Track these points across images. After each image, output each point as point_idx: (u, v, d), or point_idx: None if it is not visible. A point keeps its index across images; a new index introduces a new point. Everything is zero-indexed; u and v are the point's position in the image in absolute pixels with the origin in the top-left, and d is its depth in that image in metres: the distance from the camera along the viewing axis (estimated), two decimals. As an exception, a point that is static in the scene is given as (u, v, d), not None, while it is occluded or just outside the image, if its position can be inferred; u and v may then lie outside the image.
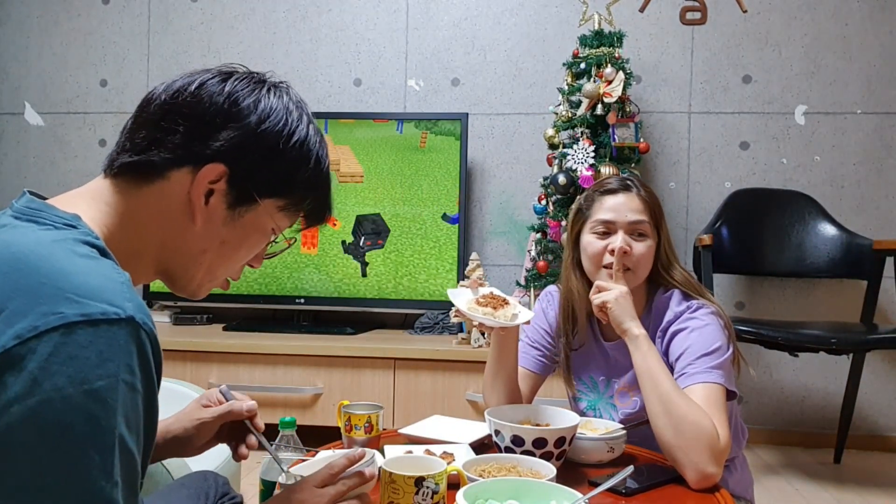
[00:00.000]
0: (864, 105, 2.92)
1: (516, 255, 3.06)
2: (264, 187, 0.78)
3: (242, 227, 0.79)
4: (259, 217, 0.79)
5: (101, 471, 0.57)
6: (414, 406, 2.55)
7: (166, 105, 0.76)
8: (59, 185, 3.27)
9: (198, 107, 0.75)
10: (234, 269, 0.84)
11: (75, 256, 0.64)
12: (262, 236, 0.82)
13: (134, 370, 0.60)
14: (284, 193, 0.80)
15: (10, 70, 3.32)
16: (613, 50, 2.66)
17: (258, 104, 0.77)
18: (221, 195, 0.76)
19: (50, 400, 0.55)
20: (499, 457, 1.12)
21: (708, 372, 1.24)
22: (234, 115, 0.75)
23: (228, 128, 0.75)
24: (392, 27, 3.13)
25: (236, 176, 0.76)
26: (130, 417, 0.60)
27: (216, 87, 0.76)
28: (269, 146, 0.77)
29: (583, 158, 2.58)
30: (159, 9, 3.24)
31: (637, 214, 1.36)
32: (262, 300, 2.95)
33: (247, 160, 0.76)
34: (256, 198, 0.77)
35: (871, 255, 2.63)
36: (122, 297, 0.61)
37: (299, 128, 0.79)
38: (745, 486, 1.44)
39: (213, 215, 0.77)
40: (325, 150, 0.82)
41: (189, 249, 0.78)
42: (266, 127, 0.76)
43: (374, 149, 2.92)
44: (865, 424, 2.88)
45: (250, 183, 0.77)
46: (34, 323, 0.57)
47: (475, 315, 1.28)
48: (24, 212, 0.69)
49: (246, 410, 0.98)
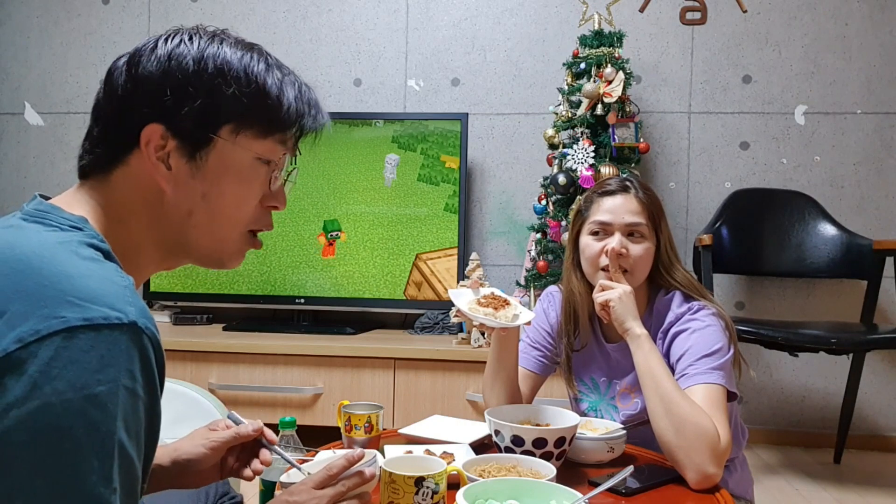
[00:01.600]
0: (864, 105, 2.92)
1: (516, 255, 3.06)
2: (203, 120, 0.74)
3: (212, 170, 0.76)
4: (224, 153, 0.76)
5: (99, 476, 0.57)
6: (414, 406, 2.55)
7: (96, 104, 0.77)
8: (59, 185, 3.27)
9: (113, 90, 0.75)
10: (241, 218, 0.79)
11: (78, 259, 0.63)
12: (243, 171, 0.77)
13: (135, 375, 0.60)
14: (227, 117, 0.75)
15: (10, 70, 3.32)
16: (613, 50, 2.66)
17: (154, 52, 0.74)
18: (176, 152, 0.74)
19: (49, 404, 0.55)
20: (499, 457, 1.12)
21: (709, 373, 1.24)
22: (141, 77, 0.74)
23: (140, 91, 0.73)
24: (392, 27, 3.13)
25: (174, 127, 0.73)
26: (130, 423, 0.59)
27: (120, 63, 0.76)
28: (180, 80, 0.73)
29: (583, 158, 2.58)
30: (159, 9, 3.24)
31: (634, 216, 1.36)
32: (262, 300, 2.95)
33: (170, 106, 0.73)
34: (207, 135, 0.74)
35: (871, 255, 2.63)
36: (124, 302, 0.61)
37: (208, 48, 0.75)
38: (745, 486, 1.44)
39: (179, 175, 0.74)
40: (252, 57, 0.77)
41: (176, 219, 0.76)
42: (168, 67, 0.74)
43: (375, 149, 2.92)
44: (865, 424, 2.88)
45: (189, 124, 0.73)
46: (36, 326, 0.57)
47: (477, 316, 1.28)
48: (31, 214, 0.69)
49: (253, 431, 0.99)
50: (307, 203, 2.92)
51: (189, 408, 1.91)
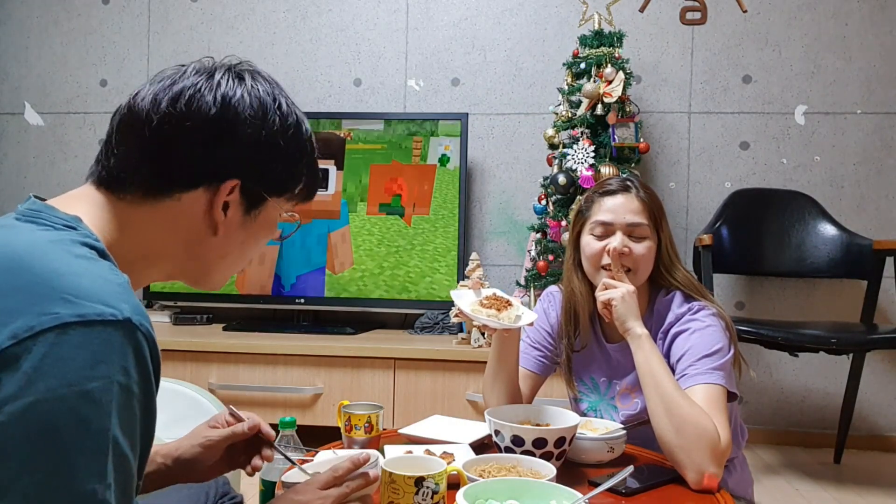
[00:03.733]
0: (864, 105, 2.92)
1: (516, 255, 3.06)
2: (274, 186, 0.81)
3: (258, 225, 0.82)
4: (269, 212, 0.83)
5: (93, 473, 0.57)
6: (414, 406, 2.55)
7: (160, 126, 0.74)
8: (59, 185, 3.27)
9: (194, 126, 0.74)
10: (248, 260, 0.87)
11: (72, 257, 0.63)
12: (274, 226, 0.86)
13: (129, 372, 0.60)
14: (291, 186, 0.83)
15: (10, 70, 3.32)
16: (613, 50, 2.66)
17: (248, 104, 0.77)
18: (237, 205, 0.79)
19: (43, 400, 0.55)
20: (499, 457, 1.12)
21: (709, 373, 1.24)
22: (231, 126, 0.75)
23: (229, 142, 0.75)
24: (392, 27, 3.13)
25: (247, 184, 0.78)
26: (125, 420, 0.59)
27: (208, 98, 0.75)
28: (270, 148, 0.78)
29: (583, 158, 2.58)
30: (159, 9, 3.24)
31: (635, 216, 1.36)
32: (262, 300, 2.95)
33: (254, 167, 0.78)
34: (267, 197, 0.81)
35: (871, 255, 2.63)
36: (118, 299, 0.61)
37: (291, 126, 0.80)
38: (745, 486, 1.44)
39: (231, 224, 0.79)
40: (313, 140, 0.85)
41: (210, 256, 0.81)
42: (264, 134, 0.77)
43: (375, 148, 2.92)
44: (865, 424, 2.88)
45: (261, 186, 0.80)
46: (30, 323, 0.57)
47: (479, 317, 1.28)
48: (25, 213, 0.69)
49: (248, 429, 1.00)
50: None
51: (189, 408, 1.91)
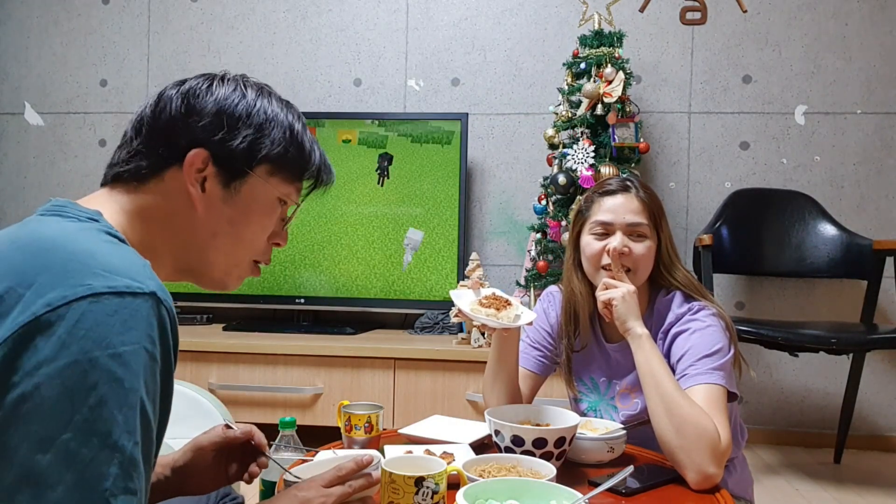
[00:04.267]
0: (864, 105, 2.92)
1: (516, 255, 3.06)
2: (246, 156, 0.83)
3: (243, 200, 0.84)
4: (255, 187, 0.84)
5: (123, 429, 0.60)
6: (414, 406, 2.55)
7: (138, 121, 0.83)
8: (59, 185, 3.27)
9: (164, 112, 0.82)
10: (254, 248, 0.88)
11: (100, 241, 0.69)
12: (267, 207, 0.86)
13: (154, 341, 0.64)
14: (267, 157, 0.84)
15: (10, 70, 3.32)
16: (613, 50, 2.66)
17: (210, 90, 0.83)
18: (214, 178, 0.81)
19: (77, 361, 0.59)
20: (499, 457, 1.12)
21: (709, 373, 1.24)
22: (196, 108, 0.82)
23: (194, 119, 0.81)
24: (392, 27, 3.13)
25: (219, 155, 0.81)
26: (150, 385, 0.63)
27: (172, 92, 0.83)
28: (236, 118, 0.82)
29: (583, 158, 2.58)
30: (159, 9, 3.24)
31: (635, 216, 1.36)
32: (262, 300, 2.95)
33: (221, 136, 0.81)
34: (245, 169, 0.83)
35: (871, 255, 2.63)
36: (144, 276, 0.65)
37: (259, 98, 0.85)
38: (745, 486, 1.44)
39: (212, 198, 0.82)
40: (294, 116, 0.88)
41: (200, 237, 0.83)
42: (224, 105, 0.82)
43: (375, 148, 2.92)
44: (865, 424, 2.88)
45: (233, 156, 0.82)
46: (64, 293, 0.61)
47: (478, 316, 1.28)
48: (48, 209, 0.74)
49: (241, 433, 1.01)
50: (308, 203, 2.91)
51: (189, 408, 1.91)
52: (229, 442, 1.01)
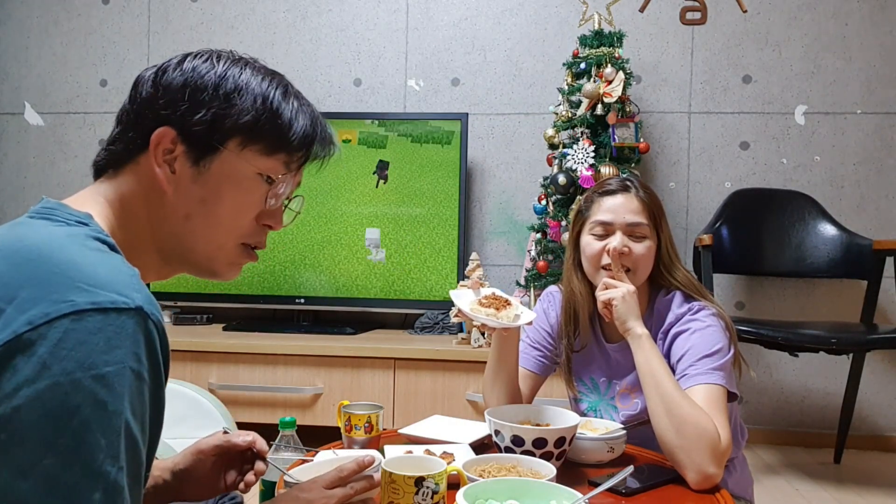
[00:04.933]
0: (864, 105, 2.92)
1: (516, 255, 3.06)
2: (212, 130, 0.77)
3: (213, 177, 0.78)
4: (227, 162, 0.78)
5: (106, 454, 0.58)
6: (414, 406, 2.55)
7: (122, 109, 0.82)
8: (59, 185, 3.27)
9: (136, 95, 0.80)
10: (236, 229, 0.81)
11: (87, 250, 0.66)
12: (244, 182, 0.80)
13: (141, 359, 0.61)
14: (235, 128, 0.78)
15: (10, 70, 3.32)
16: (613, 50, 2.66)
17: (181, 65, 0.79)
18: (183, 156, 0.77)
19: (58, 384, 0.56)
20: (499, 457, 1.12)
21: (709, 373, 1.24)
22: (163, 84, 0.78)
23: (160, 96, 0.78)
24: (392, 27, 3.13)
25: (185, 132, 0.77)
26: (136, 406, 0.60)
27: (148, 73, 0.81)
28: (200, 90, 0.78)
29: (583, 158, 2.58)
30: (159, 9, 3.24)
31: (635, 216, 1.36)
32: (262, 300, 2.95)
33: (184, 112, 0.77)
34: (213, 144, 0.77)
35: (871, 255, 2.63)
36: (130, 288, 0.62)
37: (231, 68, 0.80)
38: (745, 486, 1.44)
39: (181, 178, 0.78)
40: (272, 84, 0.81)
41: (174, 221, 0.79)
42: (190, 77, 0.78)
43: (375, 148, 2.92)
44: (865, 424, 2.88)
45: (199, 132, 0.77)
46: (45, 310, 0.58)
47: (478, 316, 1.28)
48: (38, 211, 0.72)
49: (242, 442, 1.00)
50: (308, 203, 2.91)
51: (189, 408, 1.91)
52: (230, 448, 1.00)
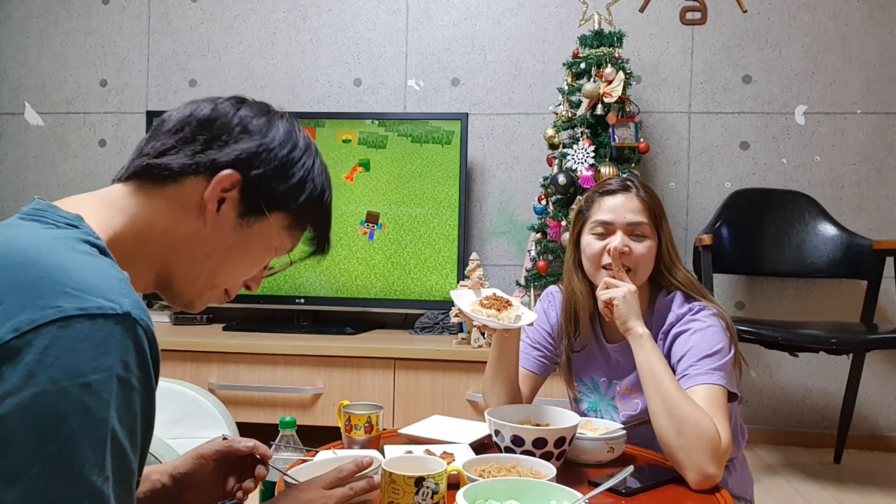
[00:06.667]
0: (864, 105, 2.92)
1: (516, 255, 3.06)
2: (273, 201, 0.81)
3: (249, 236, 0.82)
4: (265, 231, 0.82)
5: (93, 464, 0.57)
6: (414, 406, 2.55)
7: (184, 119, 0.80)
8: (59, 185, 3.27)
9: (214, 121, 0.80)
10: (233, 279, 0.85)
11: (75, 253, 0.64)
12: (265, 251, 0.85)
13: (129, 366, 0.60)
14: (291, 211, 0.83)
15: (10, 70, 3.32)
16: (613, 50, 2.66)
17: (270, 124, 0.82)
18: (232, 203, 0.79)
19: (45, 392, 0.56)
20: (499, 457, 1.12)
21: (710, 373, 1.24)
22: (249, 130, 0.80)
23: (244, 140, 0.80)
24: (392, 27, 3.13)
25: (248, 186, 0.79)
26: (123, 413, 0.60)
27: (230, 108, 0.82)
28: (280, 162, 0.81)
29: (583, 158, 2.58)
30: (159, 9, 3.24)
31: (635, 215, 1.36)
32: (262, 300, 2.95)
33: (259, 172, 0.79)
34: (265, 210, 0.81)
35: (871, 255, 2.63)
36: (119, 294, 0.62)
37: (307, 154, 0.84)
38: (745, 486, 1.44)
39: (222, 221, 0.80)
40: (329, 183, 0.87)
41: (195, 252, 0.80)
42: (278, 144, 0.81)
43: (375, 148, 2.92)
44: (865, 424, 2.88)
45: (261, 194, 0.80)
46: (32, 316, 0.57)
47: (479, 317, 1.28)
48: (28, 213, 0.70)
49: (244, 447, 0.99)
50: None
51: (189, 408, 1.91)
52: (232, 453, 0.99)
